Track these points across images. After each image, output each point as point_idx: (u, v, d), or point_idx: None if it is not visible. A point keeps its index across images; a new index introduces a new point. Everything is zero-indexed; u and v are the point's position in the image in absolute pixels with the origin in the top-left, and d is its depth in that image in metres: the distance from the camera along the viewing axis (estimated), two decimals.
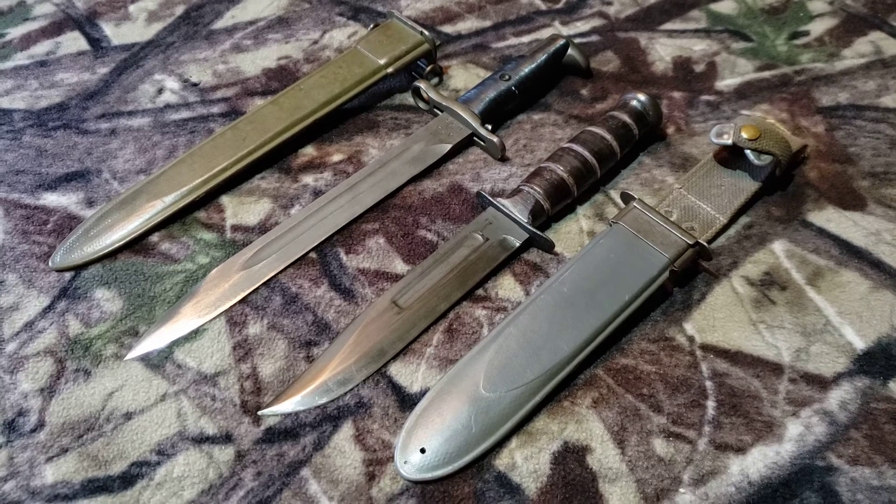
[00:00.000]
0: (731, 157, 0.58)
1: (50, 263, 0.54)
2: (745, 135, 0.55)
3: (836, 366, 0.48)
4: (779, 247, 0.55)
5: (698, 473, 0.44)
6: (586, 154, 0.56)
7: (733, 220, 0.56)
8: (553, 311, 0.49)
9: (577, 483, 0.44)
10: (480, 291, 0.52)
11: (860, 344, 0.49)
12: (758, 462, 0.45)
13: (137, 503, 0.42)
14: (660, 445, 0.45)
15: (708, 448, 0.45)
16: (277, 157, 0.61)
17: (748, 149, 0.56)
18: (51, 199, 0.58)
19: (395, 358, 0.49)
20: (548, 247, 0.54)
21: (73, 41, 0.72)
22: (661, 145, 0.62)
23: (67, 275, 0.54)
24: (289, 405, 0.46)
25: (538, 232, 0.54)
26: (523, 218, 0.54)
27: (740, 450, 0.45)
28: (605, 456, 0.45)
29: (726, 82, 0.67)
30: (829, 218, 0.56)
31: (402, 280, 0.52)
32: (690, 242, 0.51)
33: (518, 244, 0.54)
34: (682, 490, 0.44)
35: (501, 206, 0.55)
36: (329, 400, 0.47)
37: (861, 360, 0.49)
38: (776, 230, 0.56)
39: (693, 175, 0.58)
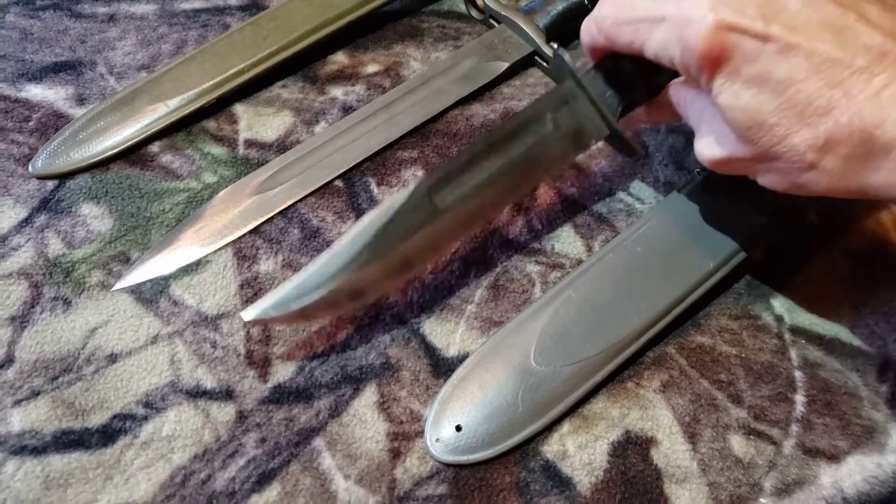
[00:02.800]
0: None
1: (30, 168, 0.46)
2: None
3: None
4: (888, 216, 0.46)
5: (783, 482, 0.37)
6: None
7: None
8: (622, 275, 0.41)
9: (639, 481, 0.37)
10: (535, 244, 0.44)
11: None
12: (854, 474, 0.37)
13: (118, 464, 0.36)
14: (738, 444, 0.38)
15: (795, 452, 0.38)
16: (303, 63, 0.52)
17: None
18: (35, 91, 0.49)
19: (428, 312, 0.41)
20: (631, 152, 0.41)
21: None
22: None
23: (50, 184, 0.45)
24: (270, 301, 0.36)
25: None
26: (615, 104, 0.38)
27: (834, 457, 0.38)
28: (673, 451, 0.38)
29: None
30: None
31: (443, 167, 0.38)
32: (791, 203, 0.42)
33: (594, 144, 0.40)
34: (762, 500, 0.37)
35: (587, 83, 0.38)
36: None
37: None
38: None
39: None
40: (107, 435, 0.37)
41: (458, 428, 0.37)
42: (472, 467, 0.37)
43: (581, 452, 0.37)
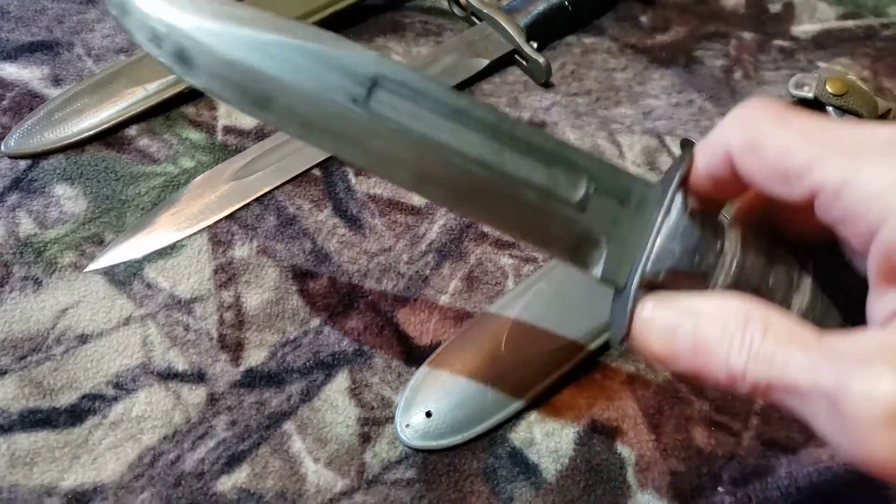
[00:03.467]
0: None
1: (2, 147, 0.45)
2: (830, 89, 0.48)
3: None
4: None
5: (740, 472, 0.38)
6: None
7: None
8: None
9: (603, 469, 0.38)
10: (510, 238, 0.45)
11: None
12: (808, 465, 0.39)
13: (86, 443, 0.36)
14: (700, 435, 0.39)
15: (753, 443, 0.39)
16: None
17: (831, 105, 0.48)
18: (9, 70, 0.49)
19: (403, 301, 0.42)
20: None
21: None
22: (726, 91, 0.54)
23: (23, 163, 0.45)
24: None
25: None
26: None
27: (790, 450, 0.39)
28: (637, 441, 0.39)
29: (804, 28, 0.59)
30: None
31: None
32: None
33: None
34: (720, 489, 0.38)
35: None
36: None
37: None
38: None
39: None
40: (75, 415, 0.36)
41: (429, 414, 0.38)
42: (441, 453, 0.37)
43: (548, 440, 0.38)
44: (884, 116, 0.52)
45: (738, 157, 0.23)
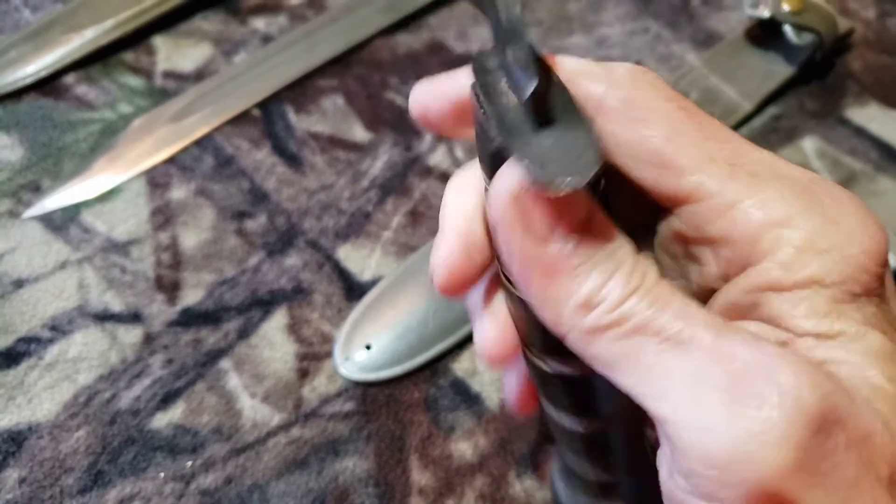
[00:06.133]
0: (764, 36, 0.49)
1: None
2: (786, 6, 0.46)
3: None
4: (809, 144, 0.47)
5: None
6: None
7: (760, 108, 0.47)
8: None
9: None
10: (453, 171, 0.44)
11: None
12: None
13: (21, 385, 0.36)
14: None
15: None
16: None
17: (788, 23, 0.47)
18: None
19: (344, 238, 0.41)
20: None
21: None
22: (685, 19, 0.52)
23: None
24: None
25: None
26: None
27: None
28: None
29: None
30: (872, 116, 0.48)
31: None
32: None
33: None
34: None
35: None
36: None
37: None
38: (808, 125, 0.47)
39: (718, 53, 0.49)
40: (10, 357, 0.36)
41: (369, 347, 0.37)
42: (381, 385, 0.37)
43: (491, 370, 0.38)
44: (846, 36, 0.50)
45: (608, 115, 0.18)
